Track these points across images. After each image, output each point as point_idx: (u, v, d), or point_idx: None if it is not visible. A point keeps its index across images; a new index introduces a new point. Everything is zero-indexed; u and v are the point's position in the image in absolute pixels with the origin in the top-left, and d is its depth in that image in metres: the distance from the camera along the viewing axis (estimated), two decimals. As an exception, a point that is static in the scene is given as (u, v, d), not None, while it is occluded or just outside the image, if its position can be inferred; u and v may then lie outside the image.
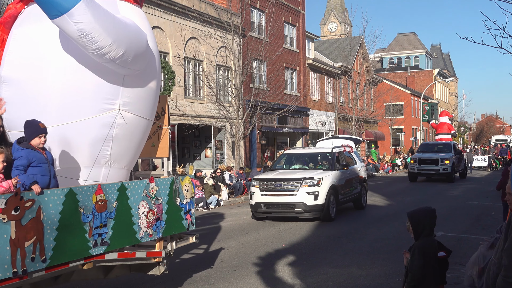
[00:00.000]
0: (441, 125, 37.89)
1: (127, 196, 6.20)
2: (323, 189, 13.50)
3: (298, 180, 13.64)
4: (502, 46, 10.64)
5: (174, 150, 23.64)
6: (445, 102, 76.61)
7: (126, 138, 6.69)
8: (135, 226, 6.29)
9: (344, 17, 76.68)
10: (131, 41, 6.10)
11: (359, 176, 16.35)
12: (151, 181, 6.58)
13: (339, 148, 16.22)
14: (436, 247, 4.53)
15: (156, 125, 7.76)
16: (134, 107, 6.63)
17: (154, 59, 6.94)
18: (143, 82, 6.76)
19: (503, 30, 9.81)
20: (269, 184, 13.86)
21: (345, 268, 8.61)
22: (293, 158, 16.37)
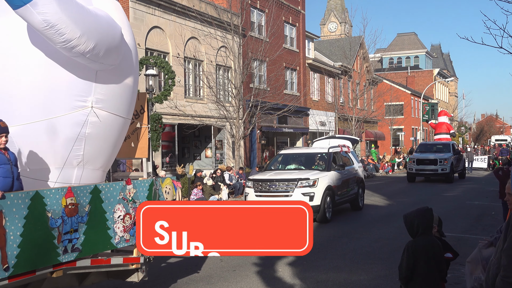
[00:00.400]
0: (440, 125, 37.47)
1: (101, 199, 5.81)
2: (319, 190, 13.30)
3: (293, 181, 13.43)
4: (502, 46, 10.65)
5: (174, 150, 23.65)
6: (445, 102, 76.62)
7: (100, 137, 6.32)
8: (110, 231, 5.91)
9: (344, 17, 76.67)
10: (103, 34, 5.73)
11: (356, 177, 16.14)
12: (127, 183, 6.22)
13: (336, 148, 16.00)
14: (434, 246, 4.50)
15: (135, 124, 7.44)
16: (108, 104, 6.23)
17: (130, 53, 6.60)
18: (118, 78, 6.37)
19: (503, 30, 9.83)
20: (263, 185, 13.62)
21: (345, 268, 8.61)
22: (289, 158, 16.13)
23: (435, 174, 26.30)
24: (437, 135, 36.90)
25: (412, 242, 4.50)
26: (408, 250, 4.45)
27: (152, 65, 18.02)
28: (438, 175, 26.37)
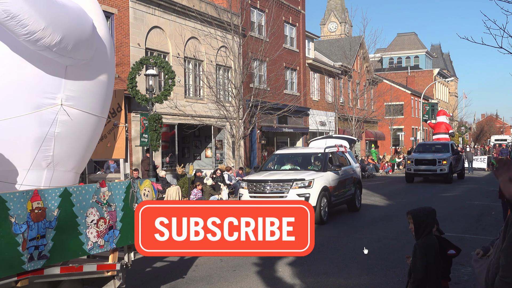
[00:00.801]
0: (438, 125, 36.99)
1: (72, 202, 5.37)
2: (314, 190, 13.04)
3: (288, 182, 13.16)
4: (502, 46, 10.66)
5: (174, 150, 23.66)
6: (445, 102, 76.62)
7: (71, 137, 5.91)
8: (82, 237, 5.49)
9: (344, 17, 76.66)
10: (71, 26, 5.29)
11: (353, 177, 15.84)
12: (102, 185, 5.79)
13: (332, 148, 15.67)
14: (437, 245, 4.54)
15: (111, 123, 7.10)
16: (80, 102, 5.80)
17: (104, 48, 6.16)
18: (91, 74, 5.94)
19: (503, 30, 9.83)
20: (258, 186, 13.34)
21: (345, 268, 8.61)
22: (285, 159, 15.83)
23: (433, 174, 26.04)
24: (436, 135, 36.44)
25: (422, 242, 4.51)
26: (421, 250, 4.46)
27: (152, 65, 18.02)
28: (436, 176, 26.12)
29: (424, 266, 4.43)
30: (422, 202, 18.01)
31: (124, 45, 20.37)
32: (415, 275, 4.46)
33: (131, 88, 18.09)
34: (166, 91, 18.15)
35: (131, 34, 20.69)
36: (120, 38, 20.17)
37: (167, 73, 18.26)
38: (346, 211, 16.00)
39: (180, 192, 17.71)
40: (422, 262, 4.43)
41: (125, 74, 19.68)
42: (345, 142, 17.69)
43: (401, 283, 7.62)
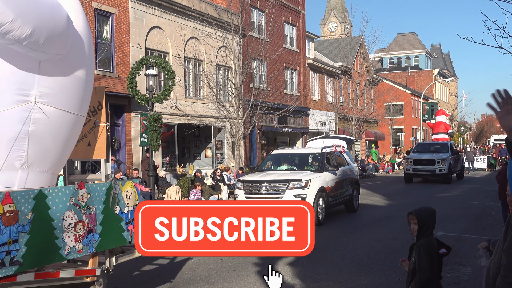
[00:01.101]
0: (437, 125, 36.46)
1: (48, 205, 5.08)
2: (311, 191, 12.84)
3: (284, 182, 12.94)
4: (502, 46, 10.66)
5: (174, 150, 23.66)
6: (445, 102, 76.63)
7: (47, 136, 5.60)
8: (58, 241, 5.19)
9: (344, 17, 76.66)
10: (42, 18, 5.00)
11: (350, 178, 15.64)
12: (80, 187, 5.51)
13: (330, 148, 15.41)
14: (436, 245, 4.57)
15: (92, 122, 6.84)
16: (55, 99, 5.50)
17: (82, 43, 5.83)
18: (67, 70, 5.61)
19: (503, 30, 9.83)
20: (254, 186, 13.12)
21: (345, 267, 8.61)
22: (281, 159, 15.59)
23: (432, 174, 25.82)
24: (435, 134, 35.96)
25: (425, 241, 4.53)
26: (425, 250, 4.47)
27: (152, 65, 18.02)
28: (435, 176, 25.89)
29: (430, 265, 4.45)
30: (422, 202, 18.01)
31: (124, 45, 20.38)
32: (421, 275, 4.46)
33: (131, 88, 18.10)
34: (166, 91, 18.16)
35: (131, 34, 20.69)
36: (120, 38, 20.18)
37: (167, 73, 18.26)
38: (345, 211, 15.99)
39: (180, 192, 17.71)
40: (427, 262, 4.44)
41: (125, 74, 19.68)
42: (343, 142, 17.48)
43: (401, 283, 7.62)
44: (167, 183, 19.28)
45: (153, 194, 16.75)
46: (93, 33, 18.70)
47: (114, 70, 19.93)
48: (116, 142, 20.24)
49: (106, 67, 19.68)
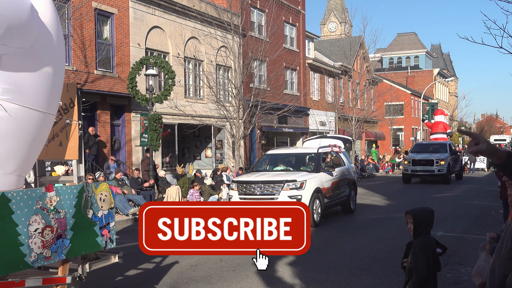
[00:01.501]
0: (436, 124, 35.79)
1: (11, 209, 4.72)
2: (306, 192, 12.58)
3: (279, 183, 12.66)
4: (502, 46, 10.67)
5: (174, 150, 23.67)
6: (445, 102, 76.63)
7: (11, 135, 5.25)
8: (23, 248, 4.83)
9: (344, 17, 76.67)
10: (1, 8, 4.68)
11: (347, 178, 15.34)
12: (48, 189, 5.12)
13: (326, 148, 15.14)
14: (434, 245, 4.58)
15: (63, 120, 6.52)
16: (19, 96, 5.15)
17: (50, 36, 5.45)
18: (33, 65, 5.26)
19: (503, 30, 9.84)
20: (248, 187, 12.84)
21: (345, 267, 8.61)
22: (277, 159, 15.31)
23: (431, 175, 25.54)
24: (433, 134, 35.35)
25: (420, 241, 4.52)
26: (420, 249, 4.46)
27: (152, 65, 18.03)
28: (434, 176, 25.61)
29: (426, 264, 4.45)
30: (422, 202, 18.02)
31: (124, 45, 20.38)
32: (418, 275, 4.45)
33: (131, 88, 18.11)
34: (166, 91, 18.16)
35: (131, 34, 20.70)
36: (120, 38, 20.18)
37: (167, 73, 18.27)
38: (344, 212, 15.98)
39: (180, 192, 17.72)
40: (423, 261, 4.43)
41: (125, 74, 19.69)
42: (340, 142, 17.20)
43: (401, 283, 7.61)
44: (167, 183, 19.29)
45: (153, 194, 16.75)
46: (93, 33, 18.71)
47: (114, 70, 19.93)
48: (116, 142, 20.25)
49: (106, 67, 19.69)
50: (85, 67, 17.82)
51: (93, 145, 18.31)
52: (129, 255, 9.97)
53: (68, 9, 17.34)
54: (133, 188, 16.33)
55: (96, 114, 19.19)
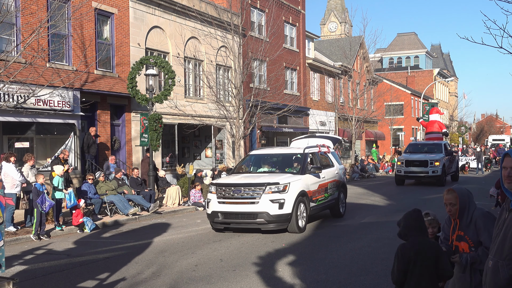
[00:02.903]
0: (431, 123, 33.96)
1: None
2: (290, 196, 11.69)
3: (260, 186, 11.71)
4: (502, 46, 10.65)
5: (175, 150, 23.66)
6: (445, 102, 76.64)
7: None
8: None
9: (344, 17, 76.68)
10: None
11: (336, 180, 14.39)
12: None
13: (313, 149, 14.16)
14: (426, 248, 4.33)
15: None
16: None
17: None
18: None
19: (503, 30, 9.81)
20: (227, 190, 11.94)
21: (345, 267, 8.61)
22: (261, 160, 14.32)
23: (425, 176, 24.38)
24: (428, 134, 33.55)
25: (401, 245, 4.42)
26: (398, 253, 4.37)
27: (152, 65, 18.03)
28: (429, 178, 24.42)
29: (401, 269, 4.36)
30: (422, 202, 18.03)
31: (124, 45, 20.37)
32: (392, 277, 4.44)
33: (131, 88, 18.11)
34: (166, 91, 18.16)
35: (131, 34, 20.69)
36: (120, 38, 20.18)
37: (167, 73, 18.26)
38: (352, 209, 15.97)
39: (180, 192, 17.72)
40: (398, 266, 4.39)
41: (125, 74, 19.69)
42: (329, 142, 16.25)
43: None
44: (167, 183, 19.29)
45: (153, 194, 16.76)
46: (93, 33, 18.71)
47: (114, 70, 19.92)
48: (116, 142, 20.25)
49: (106, 67, 19.68)
50: (85, 67, 17.81)
51: (92, 145, 18.32)
52: (129, 255, 9.98)
53: (68, 9, 17.33)
54: (133, 188, 16.33)
55: (96, 114, 19.19)
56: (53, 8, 15.12)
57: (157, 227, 13.53)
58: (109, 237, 12.18)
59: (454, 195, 4.35)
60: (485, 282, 3.64)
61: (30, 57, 15.10)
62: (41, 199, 11.78)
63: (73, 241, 11.74)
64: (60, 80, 15.75)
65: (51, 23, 14.93)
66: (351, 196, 20.17)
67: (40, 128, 17.41)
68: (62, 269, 8.86)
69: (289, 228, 11.83)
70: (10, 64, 13.38)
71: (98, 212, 14.70)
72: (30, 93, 14.58)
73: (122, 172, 17.10)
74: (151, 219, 15.00)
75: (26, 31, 14.85)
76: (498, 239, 3.57)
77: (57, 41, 17.01)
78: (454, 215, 4.39)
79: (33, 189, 12.23)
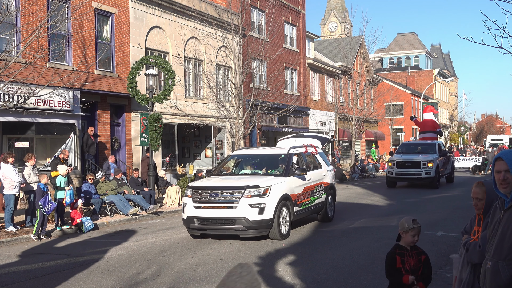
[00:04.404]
0: (425, 122, 31.42)
1: None
2: (271, 200, 10.86)
3: (239, 189, 10.87)
4: (502, 46, 10.66)
5: (175, 150, 23.66)
6: (445, 102, 76.65)
7: None
8: None
9: (344, 17, 76.69)
10: None
11: (323, 183, 13.53)
12: None
13: (299, 149, 13.28)
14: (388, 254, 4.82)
15: None
16: None
17: None
18: None
19: (503, 30, 9.81)
20: (203, 194, 11.08)
21: (345, 267, 8.61)
22: (244, 161, 13.58)
23: (418, 178, 23.07)
24: (422, 133, 31.12)
25: None
26: None
27: (152, 65, 18.03)
28: (421, 180, 23.10)
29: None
30: (422, 202, 18.05)
31: (124, 45, 20.37)
32: None
33: (131, 88, 18.11)
34: (166, 91, 18.16)
35: (131, 34, 20.69)
36: (120, 38, 20.18)
37: (167, 73, 18.26)
38: (344, 211, 15.97)
39: (180, 192, 17.72)
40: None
41: (125, 74, 19.69)
42: (317, 142, 15.36)
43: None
44: (167, 183, 19.29)
45: (153, 194, 16.75)
46: (93, 33, 18.71)
47: (114, 70, 19.92)
48: (116, 142, 20.25)
49: (106, 67, 19.68)
50: (85, 67, 17.81)
51: (92, 145, 18.32)
52: (129, 255, 9.99)
53: (68, 9, 17.33)
54: (133, 188, 16.33)
55: (96, 114, 19.19)
56: (53, 8, 15.12)
57: (157, 227, 13.53)
58: (109, 237, 12.18)
59: (482, 189, 4.23)
60: (484, 283, 3.62)
61: (30, 57, 15.10)
62: (44, 200, 11.79)
63: (73, 241, 11.74)
64: (60, 80, 15.76)
65: (51, 23, 14.94)
66: (351, 196, 20.20)
67: (40, 128, 17.42)
68: (62, 269, 8.86)
69: (271, 235, 11.03)
70: (10, 64, 13.39)
71: (98, 212, 14.71)
72: (30, 93, 14.59)
73: (121, 172, 17.09)
74: (151, 219, 15.00)
75: (26, 31, 14.86)
76: (496, 240, 3.54)
77: (57, 41, 17.01)
78: (479, 210, 4.26)
79: (37, 189, 12.23)
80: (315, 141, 15.37)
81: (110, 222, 14.15)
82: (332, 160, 33.15)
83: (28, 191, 13.00)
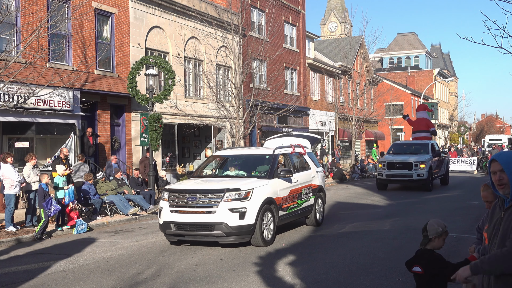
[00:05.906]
0: (418, 121, 29.92)
1: None
2: (253, 204, 10.18)
3: (218, 192, 10.18)
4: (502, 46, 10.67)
5: (175, 149, 23.66)
6: (445, 102, 76.65)
7: None
8: None
9: (344, 17, 76.69)
10: None
11: (312, 185, 12.85)
12: None
13: (286, 149, 12.54)
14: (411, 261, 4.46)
15: None
16: None
17: None
18: None
19: (503, 30, 9.83)
20: (180, 197, 10.41)
21: (345, 267, 8.61)
22: (227, 162, 12.87)
23: (409, 180, 21.90)
24: (415, 133, 29.55)
25: None
26: None
27: (152, 65, 18.02)
28: (413, 182, 21.92)
29: None
30: (421, 202, 18.05)
31: (124, 45, 20.37)
32: None
33: (131, 88, 18.11)
34: (166, 91, 18.16)
35: (131, 34, 20.69)
36: (120, 38, 20.18)
37: (167, 73, 18.26)
38: (344, 210, 15.98)
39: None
40: None
41: (125, 74, 19.69)
42: (306, 142, 14.72)
43: (401, 283, 7.63)
44: (167, 183, 19.28)
45: (153, 194, 16.75)
46: (93, 33, 18.71)
47: (114, 70, 19.92)
48: (116, 142, 20.25)
49: (106, 67, 19.68)
50: (85, 67, 17.81)
51: (89, 148, 18.32)
52: (129, 255, 9.99)
53: (68, 9, 17.33)
54: (133, 188, 16.33)
55: (96, 114, 19.19)
56: (53, 8, 15.13)
57: (157, 227, 13.52)
58: (109, 237, 12.18)
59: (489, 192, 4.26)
60: (488, 283, 3.63)
61: (30, 57, 15.10)
62: (47, 203, 11.78)
63: (73, 241, 11.74)
64: (60, 80, 15.76)
65: (51, 23, 14.94)
66: (351, 196, 20.21)
67: (40, 128, 17.41)
68: (62, 269, 8.87)
69: (253, 241, 10.36)
70: (10, 64, 13.39)
71: (98, 212, 14.71)
72: (30, 93, 14.59)
73: (121, 172, 17.08)
74: (151, 219, 15.00)
75: (26, 31, 14.86)
76: (498, 238, 3.56)
77: (57, 41, 17.01)
78: None
79: (39, 189, 12.23)
80: (304, 141, 14.79)
81: (110, 222, 14.15)
82: (332, 160, 33.16)
83: (28, 190, 13.00)
